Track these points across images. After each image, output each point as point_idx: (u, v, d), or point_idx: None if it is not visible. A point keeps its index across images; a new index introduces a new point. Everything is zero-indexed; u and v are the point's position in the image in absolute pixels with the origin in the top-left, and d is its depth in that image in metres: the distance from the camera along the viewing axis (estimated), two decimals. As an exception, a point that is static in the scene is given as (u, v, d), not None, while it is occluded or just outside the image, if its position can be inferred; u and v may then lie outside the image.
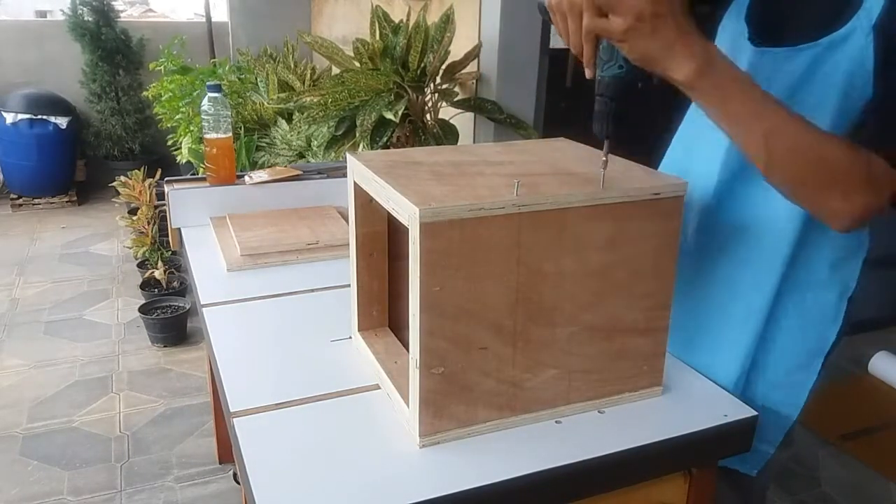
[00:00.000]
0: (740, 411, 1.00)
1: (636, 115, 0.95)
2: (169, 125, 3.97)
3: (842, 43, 0.85)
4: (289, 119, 3.19)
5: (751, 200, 1.02)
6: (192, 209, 1.72)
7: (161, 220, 3.25)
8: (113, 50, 4.95)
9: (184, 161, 3.72)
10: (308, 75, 3.52)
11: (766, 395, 1.07)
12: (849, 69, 0.85)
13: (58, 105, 4.73)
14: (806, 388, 1.05)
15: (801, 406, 1.06)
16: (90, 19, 4.88)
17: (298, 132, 2.99)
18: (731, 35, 1.02)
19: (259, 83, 3.58)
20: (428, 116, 2.55)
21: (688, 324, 1.11)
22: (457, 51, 2.54)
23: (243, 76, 3.83)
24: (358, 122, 2.31)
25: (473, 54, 2.59)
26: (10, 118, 4.58)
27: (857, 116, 0.87)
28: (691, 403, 1.02)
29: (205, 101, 1.73)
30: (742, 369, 1.06)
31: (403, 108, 2.31)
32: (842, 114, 0.87)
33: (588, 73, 0.85)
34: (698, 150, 1.10)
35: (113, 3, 5.02)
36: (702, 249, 1.09)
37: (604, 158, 0.89)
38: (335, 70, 2.69)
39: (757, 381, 1.07)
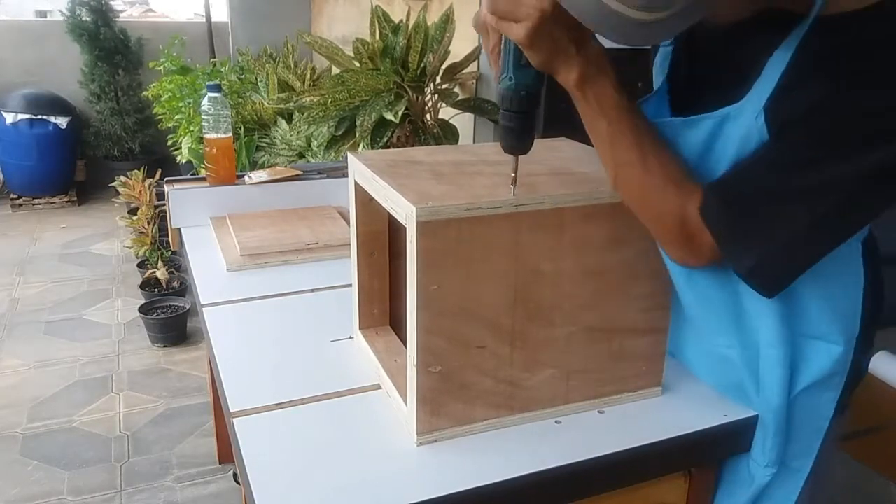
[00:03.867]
0: (740, 411, 1.00)
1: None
2: (169, 125, 3.96)
3: (735, 117, 0.87)
4: (289, 119, 3.19)
5: None
6: (192, 209, 1.72)
7: (161, 220, 3.25)
8: (112, 50, 4.94)
9: (184, 161, 3.71)
10: (308, 75, 3.52)
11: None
12: (739, 143, 0.87)
13: (58, 105, 4.73)
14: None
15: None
16: (88, 19, 4.88)
17: (298, 132, 2.99)
18: (656, 109, 1.00)
19: (259, 83, 3.58)
20: (428, 116, 2.55)
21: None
22: (457, 51, 2.53)
23: (243, 76, 3.83)
24: (358, 123, 2.31)
25: (474, 55, 2.59)
26: (10, 118, 4.58)
27: None
28: (691, 403, 1.02)
29: (205, 101, 1.73)
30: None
31: (403, 108, 2.31)
32: None
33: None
34: None
35: (111, 3, 5.02)
36: None
37: (513, 174, 0.86)
38: (335, 70, 2.69)
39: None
